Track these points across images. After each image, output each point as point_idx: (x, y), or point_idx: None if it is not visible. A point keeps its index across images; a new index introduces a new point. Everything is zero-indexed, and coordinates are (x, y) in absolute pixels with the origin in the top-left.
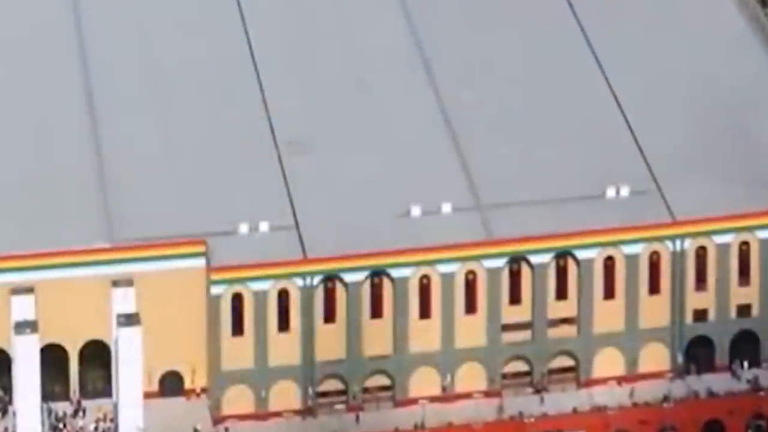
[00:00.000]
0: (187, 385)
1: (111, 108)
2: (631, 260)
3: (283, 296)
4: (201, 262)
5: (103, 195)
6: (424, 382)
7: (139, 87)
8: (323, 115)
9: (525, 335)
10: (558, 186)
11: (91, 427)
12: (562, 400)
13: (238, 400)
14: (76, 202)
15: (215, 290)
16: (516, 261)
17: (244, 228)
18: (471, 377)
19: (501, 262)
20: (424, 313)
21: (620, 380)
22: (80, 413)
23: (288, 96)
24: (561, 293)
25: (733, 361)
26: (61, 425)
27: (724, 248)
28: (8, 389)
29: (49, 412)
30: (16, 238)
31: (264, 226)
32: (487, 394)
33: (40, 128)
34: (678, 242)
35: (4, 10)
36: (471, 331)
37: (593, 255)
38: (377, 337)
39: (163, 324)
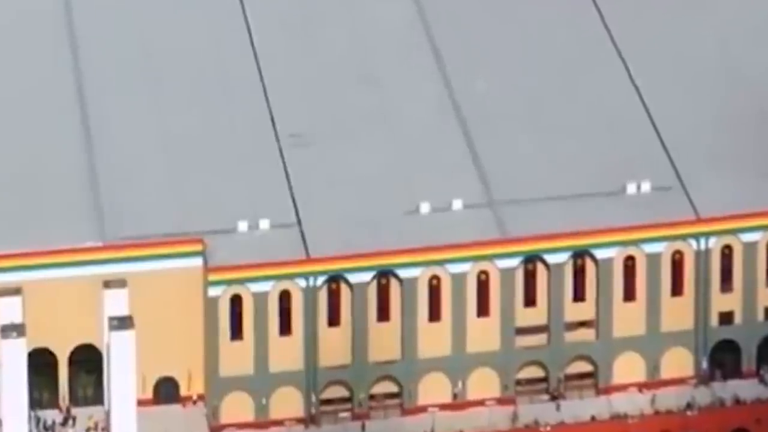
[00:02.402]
0: (183, 391)
1: (104, 100)
2: (653, 260)
3: (285, 298)
4: (198, 261)
5: (95, 191)
6: (433, 389)
7: (132, 78)
8: (327, 106)
9: (540, 339)
10: (575, 181)
11: None
12: (580, 407)
13: (236, 407)
14: (65, 199)
15: (213, 291)
16: (531, 261)
17: (243, 226)
18: (483, 383)
19: (515, 262)
20: (434, 315)
21: (641, 387)
22: (70, 422)
23: (290, 86)
24: (579, 295)
25: (761, 366)
26: None
27: (751, 247)
28: None
29: (37, 420)
30: (2, 237)
31: (264, 224)
32: (501, 401)
33: (28, 122)
34: (702, 241)
35: None
36: (483, 335)
37: (613, 254)
38: (384, 341)
39: (158, 327)
